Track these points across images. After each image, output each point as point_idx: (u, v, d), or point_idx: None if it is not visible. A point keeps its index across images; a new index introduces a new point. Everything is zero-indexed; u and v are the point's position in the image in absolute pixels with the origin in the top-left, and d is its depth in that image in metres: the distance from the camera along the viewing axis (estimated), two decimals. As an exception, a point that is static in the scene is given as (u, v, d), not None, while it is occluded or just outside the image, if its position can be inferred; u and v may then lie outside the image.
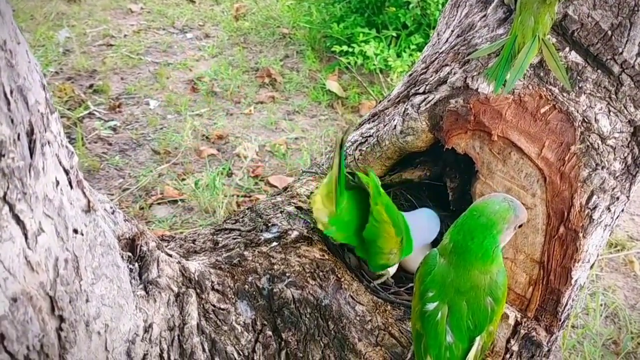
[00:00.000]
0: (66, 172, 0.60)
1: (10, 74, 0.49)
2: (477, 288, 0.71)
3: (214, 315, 0.81)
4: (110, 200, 0.79)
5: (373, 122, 1.09)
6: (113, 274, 0.67)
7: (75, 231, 0.59)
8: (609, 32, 0.84)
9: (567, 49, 0.86)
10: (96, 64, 2.32)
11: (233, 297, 0.83)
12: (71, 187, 0.61)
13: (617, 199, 0.87)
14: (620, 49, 0.84)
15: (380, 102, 1.14)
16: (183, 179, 1.75)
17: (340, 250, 0.96)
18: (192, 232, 1.07)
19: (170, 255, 0.82)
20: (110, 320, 0.66)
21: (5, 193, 0.48)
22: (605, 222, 0.88)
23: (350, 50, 2.21)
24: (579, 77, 0.86)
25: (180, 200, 1.69)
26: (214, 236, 1.00)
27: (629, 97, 0.86)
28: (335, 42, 2.30)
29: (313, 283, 0.86)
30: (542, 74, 0.87)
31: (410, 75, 1.06)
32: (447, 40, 1.01)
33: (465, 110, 0.90)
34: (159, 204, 1.68)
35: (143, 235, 0.79)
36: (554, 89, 0.87)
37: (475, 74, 0.90)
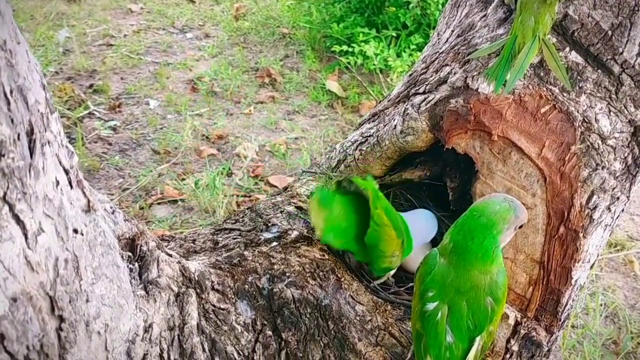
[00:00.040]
0: (66, 172, 0.60)
1: (10, 73, 0.49)
2: (477, 288, 0.71)
3: (214, 315, 0.81)
4: (110, 200, 0.79)
5: (373, 122, 1.09)
6: (113, 273, 0.67)
7: (75, 231, 0.59)
8: (609, 32, 0.84)
9: (567, 48, 0.86)
10: (96, 64, 2.32)
11: (233, 297, 0.83)
12: (71, 187, 0.61)
13: (618, 199, 0.87)
14: (620, 49, 0.84)
15: (380, 102, 1.14)
16: (183, 179, 1.75)
17: (340, 251, 0.96)
18: (192, 232, 1.07)
19: (170, 255, 0.82)
20: (110, 320, 0.66)
21: (5, 193, 0.48)
22: (605, 222, 0.88)
23: (350, 50, 2.21)
24: (579, 77, 0.86)
25: (180, 200, 1.69)
26: (214, 236, 1.00)
27: (629, 97, 0.86)
28: (335, 42, 2.30)
29: (313, 283, 0.86)
30: (542, 73, 0.87)
31: (410, 75, 1.06)
32: (447, 40, 1.01)
33: (465, 110, 0.90)
34: (159, 203, 1.68)
35: (143, 235, 0.79)
36: (554, 89, 0.87)
37: (475, 73, 0.90)
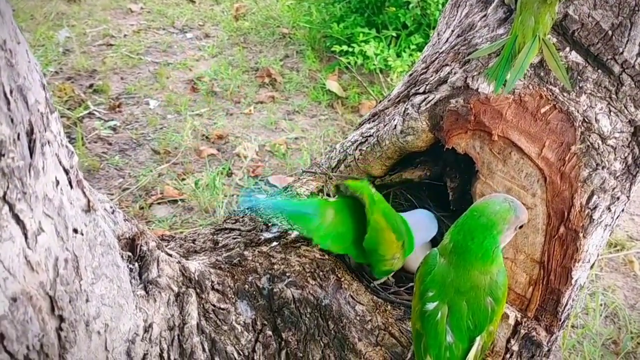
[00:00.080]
0: (66, 171, 0.60)
1: (10, 73, 0.49)
2: (477, 288, 0.71)
3: (214, 315, 0.81)
4: (110, 200, 0.79)
5: (373, 122, 1.09)
6: (113, 273, 0.67)
7: (75, 231, 0.59)
8: (610, 32, 0.84)
9: (567, 48, 0.86)
10: (96, 64, 2.32)
11: (233, 296, 0.83)
12: (71, 186, 0.61)
13: (618, 198, 0.87)
14: (620, 49, 0.84)
15: (380, 102, 1.14)
16: (183, 179, 1.75)
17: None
18: (192, 232, 1.07)
19: (170, 255, 0.82)
20: (110, 320, 0.66)
21: (5, 193, 0.48)
22: (605, 222, 0.88)
23: (350, 50, 2.21)
24: (579, 77, 0.86)
25: (180, 200, 1.69)
26: (214, 236, 1.00)
27: (629, 97, 0.86)
28: (335, 42, 2.30)
29: (313, 283, 0.86)
30: (542, 73, 0.87)
31: (410, 75, 1.06)
32: (447, 40, 1.01)
33: (465, 110, 0.90)
34: (158, 203, 1.68)
35: (143, 235, 0.79)
36: (554, 89, 0.87)
37: (475, 73, 0.90)
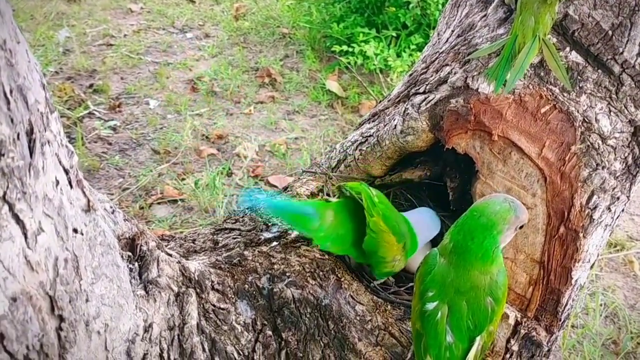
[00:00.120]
0: (66, 171, 0.59)
1: (10, 73, 0.49)
2: (477, 288, 0.71)
3: (214, 315, 0.80)
4: (110, 200, 0.79)
5: (373, 121, 1.09)
6: (113, 273, 0.67)
7: (75, 231, 0.59)
8: (610, 32, 0.84)
9: (567, 48, 0.86)
10: (96, 64, 2.32)
11: (233, 296, 0.83)
12: (71, 186, 0.60)
13: (618, 198, 0.87)
14: (620, 49, 0.83)
15: (380, 102, 1.14)
16: (183, 179, 1.75)
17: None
18: (192, 232, 1.07)
19: (170, 255, 0.82)
20: (110, 319, 0.66)
21: (4, 192, 0.48)
22: (605, 222, 0.88)
23: (350, 50, 2.21)
24: (579, 77, 0.86)
25: (180, 199, 1.69)
26: (214, 236, 1.00)
27: (629, 97, 0.86)
28: (335, 42, 2.30)
29: (313, 283, 0.86)
30: (542, 73, 0.87)
31: (410, 75, 1.06)
32: (447, 40, 1.01)
33: (465, 110, 0.90)
34: (158, 203, 1.68)
35: (143, 235, 0.79)
36: (554, 89, 0.87)
37: (475, 73, 0.90)
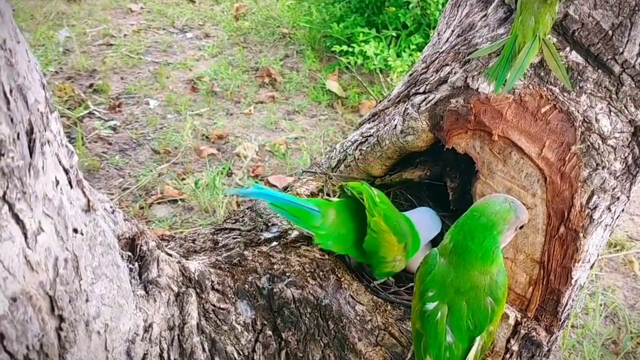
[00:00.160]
0: (66, 171, 0.59)
1: (10, 73, 0.49)
2: (477, 288, 0.71)
3: (214, 315, 0.80)
4: (110, 200, 0.79)
5: (373, 121, 1.09)
6: (113, 273, 0.67)
7: (75, 230, 0.59)
8: (610, 32, 0.83)
9: (567, 48, 0.86)
10: (96, 64, 2.32)
11: (233, 296, 0.83)
12: (71, 186, 0.60)
13: (618, 198, 0.87)
14: (621, 49, 0.83)
15: (380, 102, 1.14)
16: (183, 179, 1.75)
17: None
18: (192, 232, 1.07)
19: (170, 255, 0.82)
20: (110, 319, 0.66)
21: (4, 192, 0.48)
22: (605, 222, 0.88)
23: (350, 50, 2.21)
24: (579, 77, 0.86)
25: (180, 199, 1.69)
26: (214, 236, 1.00)
27: (629, 97, 0.85)
28: (335, 42, 2.30)
29: (313, 283, 0.86)
30: (542, 73, 0.87)
31: (410, 75, 1.06)
32: (447, 40, 1.01)
33: (465, 110, 0.90)
34: (158, 203, 1.67)
35: (143, 235, 0.79)
36: (554, 89, 0.87)
37: (475, 73, 0.90)
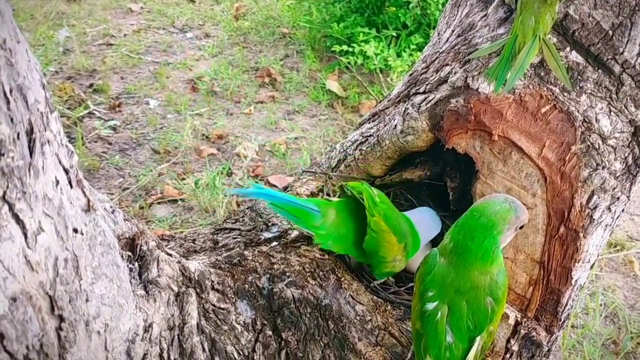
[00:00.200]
0: (66, 171, 0.59)
1: (9, 72, 0.49)
2: (477, 288, 0.71)
3: (214, 314, 0.80)
4: (110, 200, 0.79)
5: (373, 121, 1.09)
6: (113, 273, 0.67)
7: (75, 230, 0.59)
8: (610, 32, 0.83)
9: (567, 48, 0.86)
10: (96, 64, 2.32)
11: (233, 296, 0.83)
12: (71, 186, 0.60)
13: (618, 198, 0.87)
14: (621, 49, 0.83)
15: (380, 102, 1.14)
16: (183, 179, 1.75)
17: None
18: (192, 232, 1.07)
19: (170, 255, 0.82)
20: (110, 319, 0.66)
21: (4, 192, 0.48)
22: (605, 222, 0.88)
23: (350, 50, 2.21)
24: (579, 77, 0.86)
25: (180, 199, 1.69)
26: (214, 236, 1.00)
27: (629, 97, 0.85)
28: (335, 41, 2.30)
29: (313, 283, 0.86)
30: (542, 73, 0.87)
31: (410, 75, 1.06)
32: (447, 40, 1.01)
33: (465, 110, 0.89)
34: (158, 203, 1.67)
35: (143, 235, 0.79)
36: (554, 89, 0.87)
37: (475, 73, 0.90)
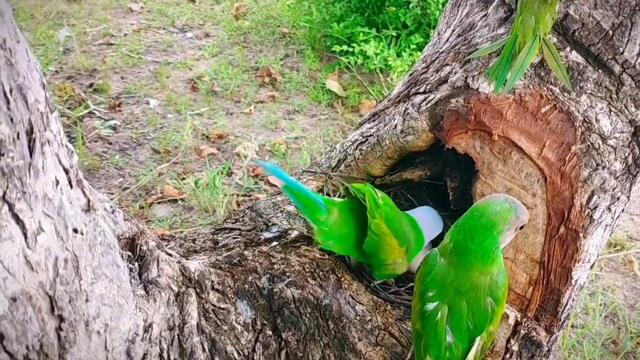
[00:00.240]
0: (66, 171, 0.59)
1: (9, 72, 0.49)
2: (477, 288, 0.71)
3: (214, 314, 0.80)
4: (110, 200, 0.79)
5: (373, 121, 1.09)
6: (113, 273, 0.67)
7: (75, 230, 0.59)
8: (610, 32, 0.83)
9: (568, 48, 0.86)
10: (96, 63, 2.32)
11: (233, 296, 0.83)
12: (71, 186, 0.60)
13: (618, 199, 0.87)
14: (621, 49, 0.83)
15: (380, 102, 1.14)
16: (183, 178, 1.75)
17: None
18: (192, 232, 1.07)
19: (170, 255, 0.82)
20: (110, 319, 0.66)
21: (4, 192, 0.48)
22: (605, 222, 0.88)
23: (351, 49, 2.21)
24: (579, 77, 0.86)
25: (180, 199, 1.69)
26: (214, 235, 1.00)
27: (629, 97, 0.85)
28: (336, 41, 2.30)
29: (313, 283, 0.86)
30: (542, 73, 0.87)
31: (410, 75, 1.06)
32: (447, 40, 1.01)
33: (465, 109, 0.89)
34: (159, 203, 1.67)
35: (143, 235, 0.79)
36: (554, 89, 0.87)
37: (476, 73, 0.90)
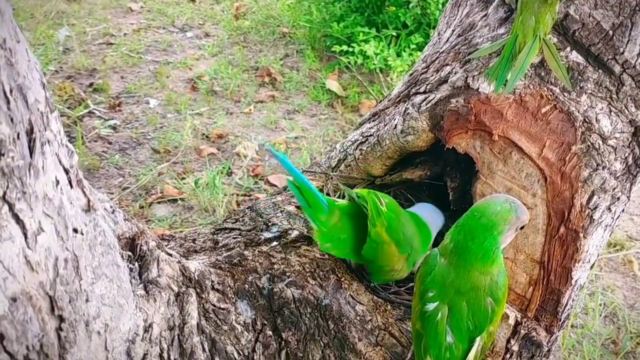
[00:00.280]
0: (66, 171, 0.59)
1: (9, 72, 0.49)
2: (477, 289, 0.71)
3: (214, 314, 0.80)
4: (110, 200, 0.79)
5: (373, 121, 1.09)
6: (113, 273, 0.67)
7: (75, 230, 0.59)
8: (610, 32, 0.83)
9: (568, 48, 0.86)
10: (96, 63, 2.32)
11: (233, 296, 0.83)
12: (71, 186, 0.60)
13: (618, 199, 0.87)
14: (621, 49, 0.83)
15: (380, 102, 1.14)
16: (183, 178, 1.75)
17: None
18: (192, 232, 1.07)
19: (170, 255, 0.82)
20: (110, 319, 0.65)
21: (4, 192, 0.48)
22: (605, 222, 0.88)
23: (350, 49, 2.21)
24: (580, 77, 0.86)
25: (180, 199, 1.69)
26: (214, 235, 1.00)
27: (630, 97, 0.85)
28: (335, 41, 2.30)
29: (313, 283, 0.86)
30: (543, 73, 0.87)
31: (411, 75, 1.06)
32: (448, 40, 1.01)
33: (466, 110, 0.89)
34: (158, 203, 1.67)
35: (143, 235, 0.79)
36: (555, 89, 0.87)
37: (476, 73, 0.90)
